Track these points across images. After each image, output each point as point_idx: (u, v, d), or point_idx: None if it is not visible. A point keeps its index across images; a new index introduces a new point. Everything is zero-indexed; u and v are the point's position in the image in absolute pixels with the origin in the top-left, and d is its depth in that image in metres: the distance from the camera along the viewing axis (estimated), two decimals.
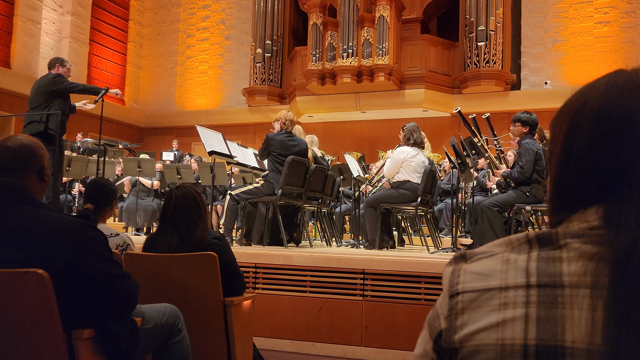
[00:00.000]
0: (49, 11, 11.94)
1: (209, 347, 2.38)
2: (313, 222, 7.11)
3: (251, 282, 3.96)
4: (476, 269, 0.60)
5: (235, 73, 13.80)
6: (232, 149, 5.19)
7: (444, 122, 11.51)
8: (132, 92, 14.49)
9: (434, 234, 5.84)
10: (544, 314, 0.54)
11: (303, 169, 4.90)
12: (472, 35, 10.64)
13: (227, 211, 5.06)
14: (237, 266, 2.54)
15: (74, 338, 1.53)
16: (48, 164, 1.66)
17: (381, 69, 10.47)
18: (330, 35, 11.03)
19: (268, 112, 12.27)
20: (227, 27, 14.07)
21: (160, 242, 2.45)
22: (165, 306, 2.08)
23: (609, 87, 0.61)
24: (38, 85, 5.44)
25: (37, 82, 5.52)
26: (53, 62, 5.62)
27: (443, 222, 7.45)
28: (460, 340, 0.57)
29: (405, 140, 5.08)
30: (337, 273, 3.81)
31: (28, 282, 1.41)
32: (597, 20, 10.88)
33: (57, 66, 5.58)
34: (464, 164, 4.98)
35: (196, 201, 2.46)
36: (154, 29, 14.81)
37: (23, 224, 1.49)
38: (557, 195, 0.64)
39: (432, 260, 3.71)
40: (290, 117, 5.09)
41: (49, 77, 5.42)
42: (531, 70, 11.33)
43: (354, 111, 11.59)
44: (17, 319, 1.47)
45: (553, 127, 0.66)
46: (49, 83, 5.37)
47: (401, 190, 4.95)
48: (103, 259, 1.58)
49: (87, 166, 7.12)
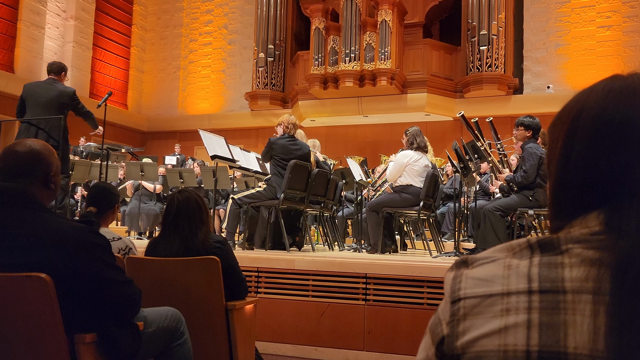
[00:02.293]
0: (53, 16, 12.00)
1: (211, 351, 2.37)
2: (315, 226, 7.11)
3: (253, 286, 3.95)
4: (478, 274, 0.59)
5: (238, 77, 13.83)
6: (235, 153, 5.20)
7: (446, 126, 11.51)
8: (135, 97, 14.53)
9: (436, 238, 5.83)
10: (546, 320, 0.54)
11: (305, 173, 4.91)
12: (475, 40, 10.65)
13: (229, 215, 5.06)
14: (239, 270, 2.54)
15: (76, 342, 1.53)
16: (57, 171, 1.66)
17: (383, 73, 10.48)
18: (332, 39, 11.05)
19: (270, 117, 12.29)
20: (230, 32, 14.11)
21: (162, 246, 2.45)
22: (168, 310, 2.08)
23: (606, 92, 0.61)
24: (59, 96, 5.39)
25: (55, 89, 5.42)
26: (59, 69, 5.58)
27: (445, 226, 7.44)
28: (463, 347, 0.57)
29: (409, 144, 5.08)
30: (339, 277, 3.80)
31: (31, 286, 1.42)
32: (599, 25, 10.88)
33: (62, 74, 5.59)
34: (467, 168, 4.98)
35: (198, 205, 2.47)
36: (157, 34, 14.87)
37: (26, 228, 1.50)
38: (557, 201, 0.64)
39: (435, 265, 3.70)
40: (292, 121, 5.10)
41: (69, 92, 5.45)
42: (533, 75, 11.32)
43: (356, 115, 11.59)
44: (20, 323, 1.47)
45: (551, 133, 0.66)
46: (70, 98, 5.45)
47: (404, 195, 4.95)
48: (106, 265, 1.58)
49: (90, 170, 7.13)
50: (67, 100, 5.43)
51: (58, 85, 5.45)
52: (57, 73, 5.55)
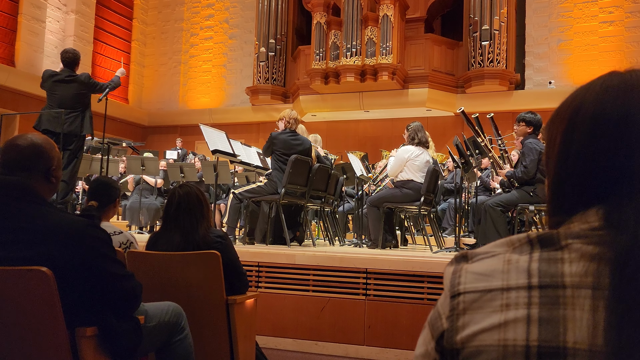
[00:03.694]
0: (54, 10, 11.98)
1: (211, 345, 2.38)
2: (316, 221, 7.12)
3: (254, 281, 3.96)
4: (477, 269, 0.60)
5: (239, 72, 13.81)
6: (236, 148, 5.20)
7: (447, 121, 11.49)
8: (136, 91, 14.52)
9: (437, 234, 5.84)
10: (546, 315, 0.54)
11: (306, 168, 4.91)
12: (476, 35, 10.62)
13: (230, 210, 5.06)
14: (240, 265, 2.54)
15: (77, 336, 1.53)
16: (58, 165, 1.66)
17: (385, 68, 10.45)
18: (333, 34, 11.02)
19: (271, 111, 12.28)
20: (231, 26, 14.08)
21: (163, 240, 2.45)
22: (168, 304, 2.08)
23: (604, 89, 0.61)
24: (78, 86, 5.42)
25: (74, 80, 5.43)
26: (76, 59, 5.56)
27: (446, 221, 7.44)
28: (462, 341, 0.58)
29: (410, 139, 5.08)
30: (339, 272, 3.81)
31: (32, 279, 1.42)
32: (601, 20, 10.84)
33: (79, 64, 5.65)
34: (468, 164, 4.98)
35: (199, 200, 2.47)
36: (157, 28, 14.83)
37: (27, 222, 1.50)
38: (556, 197, 0.64)
39: (435, 260, 3.70)
40: (294, 116, 5.09)
41: (84, 78, 5.46)
42: (535, 70, 11.29)
43: (357, 110, 11.57)
44: (21, 317, 1.48)
45: (549, 130, 0.66)
46: (89, 85, 5.50)
47: (404, 190, 4.95)
48: (107, 258, 1.59)
49: (90, 164, 7.14)
50: (89, 88, 5.54)
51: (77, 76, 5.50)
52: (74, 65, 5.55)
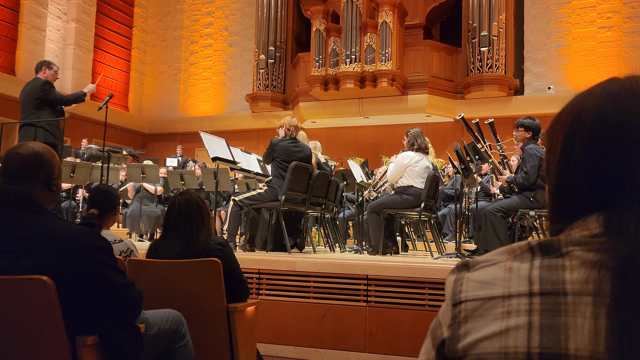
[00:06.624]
0: (54, 19, 12.03)
1: (212, 353, 2.37)
2: (316, 227, 7.11)
3: (255, 288, 3.95)
4: (479, 277, 0.60)
5: (239, 79, 13.84)
6: (236, 155, 5.20)
7: (447, 127, 11.51)
8: (136, 99, 14.55)
9: (437, 240, 5.83)
10: (547, 322, 0.54)
11: (306, 174, 4.91)
12: (475, 41, 10.66)
13: (230, 217, 5.06)
14: (240, 272, 2.54)
15: (77, 344, 1.53)
16: (59, 173, 1.66)
17: (384, 75, 10.48)
18: (333, 41, 11.06)
19: (271, 118, 12.30)
20: (231, 34, 14.13)
21: (163, 248, 2.45)
22: (169, 312, 2.08)
23: (604, 95, 0.61)
24: (28, 92, 5.37)
25: (26, 87, 5.43)
26: (40, 65, 5.56)
27: (447, 227, 7.43)
28: (464, 349, 0.57)
29: (410, 145, 5.08)
30: (340, 279, 3.80)
31: (32, 288, 1.42)
32: (600, 25, 10.88)
33: (43, 68, 5.55)
34: (468, 169, 4.98)
35: (199, 207, 2.47)
36: (157, 36, 14.89)
37: (28, 231, 1.50)
38: (557, 204, 0.64)
39: (436, 266, 3.70)
40: (294, 123, 5.10)
41: (38, 84, 5.36)
42: (534, 76, 11.32)
43: (357, 117, 11.60)
44: (22, 325, 1.47)
45: (549, 137, 0.66)
46: (38, 90, 5.34)
47: (404, 196, 4.95)
48: (107, 267, 1.59)
49: (91, 172, 7.14)
50: (38, 93, 5.34)
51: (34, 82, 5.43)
52: (37, 70, 5.53)
